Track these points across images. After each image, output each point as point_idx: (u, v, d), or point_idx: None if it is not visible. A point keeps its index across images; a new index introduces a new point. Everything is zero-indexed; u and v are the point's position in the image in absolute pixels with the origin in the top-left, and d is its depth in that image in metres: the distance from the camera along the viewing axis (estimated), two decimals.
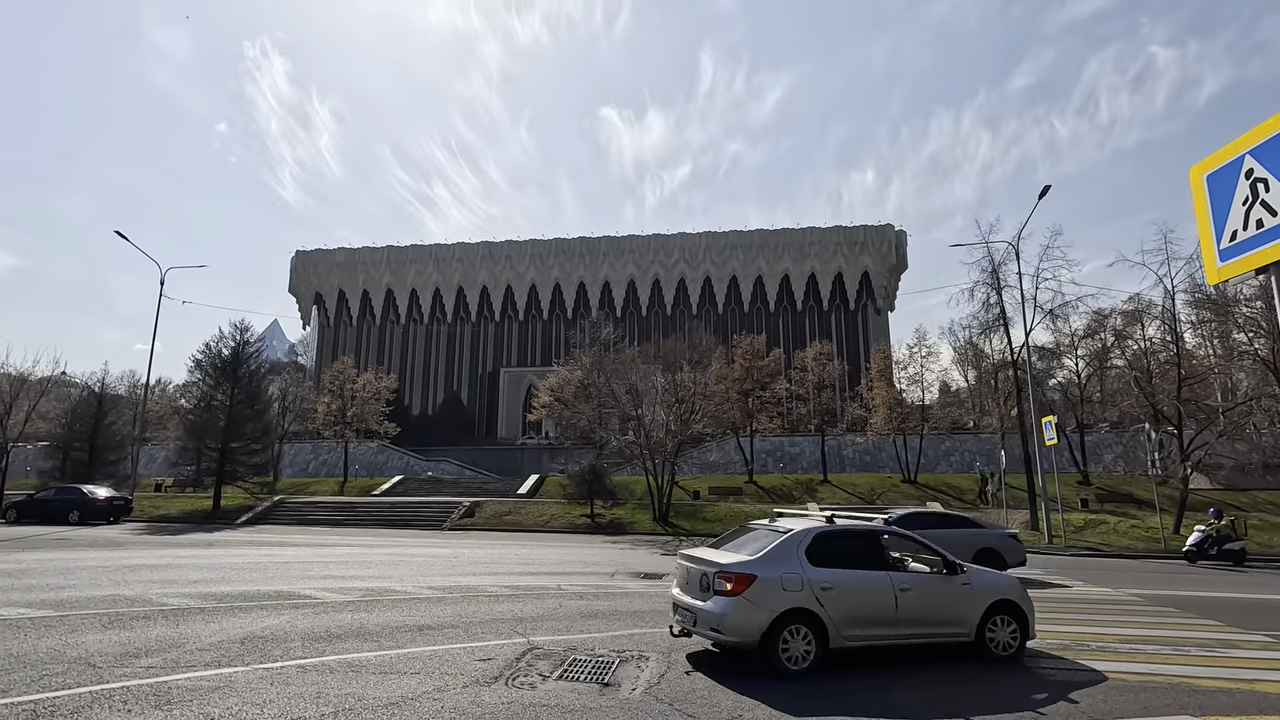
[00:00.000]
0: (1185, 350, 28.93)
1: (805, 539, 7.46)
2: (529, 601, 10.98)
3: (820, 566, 7.28)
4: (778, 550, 7.32)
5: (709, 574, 7.29)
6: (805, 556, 7.31)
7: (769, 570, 7.10)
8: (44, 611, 9.18)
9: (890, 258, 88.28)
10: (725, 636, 6.99)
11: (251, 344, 36.27)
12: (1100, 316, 35.12)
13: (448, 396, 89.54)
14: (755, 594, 6.94)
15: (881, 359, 47.69)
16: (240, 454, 33.20)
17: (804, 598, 7.04)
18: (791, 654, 6.87)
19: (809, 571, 7.19)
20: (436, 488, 40.67)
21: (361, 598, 10.93)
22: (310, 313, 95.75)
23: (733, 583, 6.99)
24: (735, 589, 6.96)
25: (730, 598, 6.96)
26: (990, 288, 29.80)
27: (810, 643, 6.94)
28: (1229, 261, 3.49)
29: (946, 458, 45.30)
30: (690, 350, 35.22)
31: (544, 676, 6.66)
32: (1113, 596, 13.15)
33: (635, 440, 31.16)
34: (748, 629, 6.87)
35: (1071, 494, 32.19)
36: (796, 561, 7.25)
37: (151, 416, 49.98)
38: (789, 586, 7.04)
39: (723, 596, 7.02)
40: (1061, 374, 39.53)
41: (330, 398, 47.99)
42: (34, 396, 37.93)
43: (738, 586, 6.96)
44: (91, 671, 6.35)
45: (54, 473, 36.21)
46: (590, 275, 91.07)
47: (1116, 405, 35.98)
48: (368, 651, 7.42)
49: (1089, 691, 6.56)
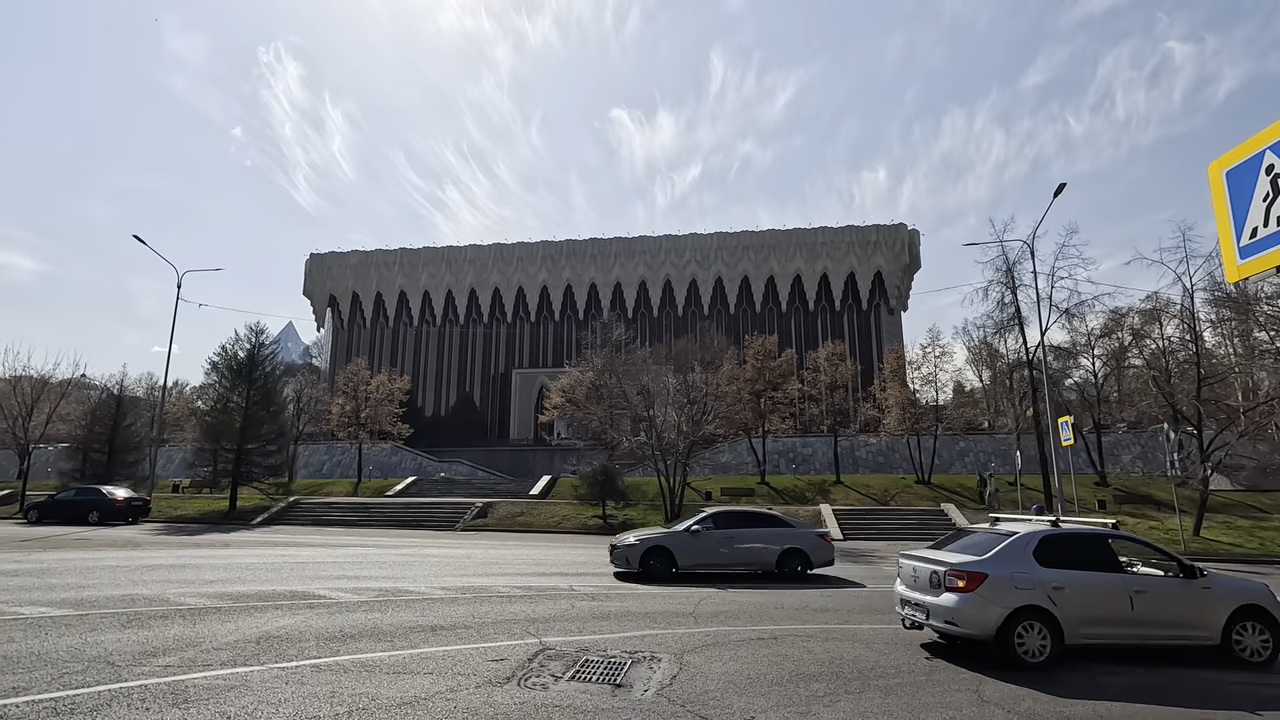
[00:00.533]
0: (1205, 349, 28.47)
1: (1032, 541, 8.06)
2: (541, 602, 11.00)
3: (1050, 567, 7.87)
4: (1006, 551, 7.97)
5: (939, 572, 7.99)
6: (1034, 557, 7.92)
7: (999, 569, 7.76)
8: (64, 611, 9.32)
9: (903, 257, 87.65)
10: (960, 629, 7.64)
11: (267, 346, 36.65)
12: (1117, 315, 34.73)
13: (460, 398, 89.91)
14: (988, 591, 7.62)
15: (895, 359, 47.28)
16: (256, 455, 33.54)
17: (1036, 595, 7.63)
18: (1028, 647, 7.47)
19: (1039, 572, 7.81)
20: (449, 488, 40.86)
21: (375, 598, 11.00)
22: (324, 315, 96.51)
23: (965, 580, 7.68)
24: (968, 586, 7.65)
25: (964, 594, 7.65)
26: (1005, 287, 29.54)
27: (1045, 638, 7.51)
28: (1249, 259, 3.43)
29: (961, 458, 44.89)
30: (702, 351, 35.16)
31: (556, 677, 6.67)
32: None
33: (647, 441, 31.15)
34: (983, 623, 7.54)
35: (1088, 495, 31.81)
36: (1026, 562, 7.88)
37: (169, 418, 50.58)
38: (1020, 585, 7.67)
39: (955, 593, 7.73)
40: (1078, 374, 39.09)
41: (344, 399, 48.35)
42: (55, 399, 38.51)
43: (970, 584, 7.65)
44: (110, 670, 6.44)
45: (74, 474, 36.74)
46: (601, 276, 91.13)
47: (1134, 405, 35.50)
48: (381, 651, 7.46)
49: None
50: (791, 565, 14.56)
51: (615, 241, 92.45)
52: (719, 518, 15.24)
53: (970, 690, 6.64)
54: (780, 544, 14.67)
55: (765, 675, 6.92)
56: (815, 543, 14.93)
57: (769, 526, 15.20)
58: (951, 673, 7.27)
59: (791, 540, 14.80)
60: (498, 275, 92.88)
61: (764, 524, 15.31)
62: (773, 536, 14.82)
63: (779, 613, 10.65)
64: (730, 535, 14.75)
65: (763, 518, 15.69)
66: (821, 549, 14.93)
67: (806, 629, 9.36)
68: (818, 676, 6.95)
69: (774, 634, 8.94)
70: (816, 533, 15.28)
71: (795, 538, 14.90)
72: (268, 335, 37.03)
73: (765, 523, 15.39)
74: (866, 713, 5.87)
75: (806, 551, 14.70)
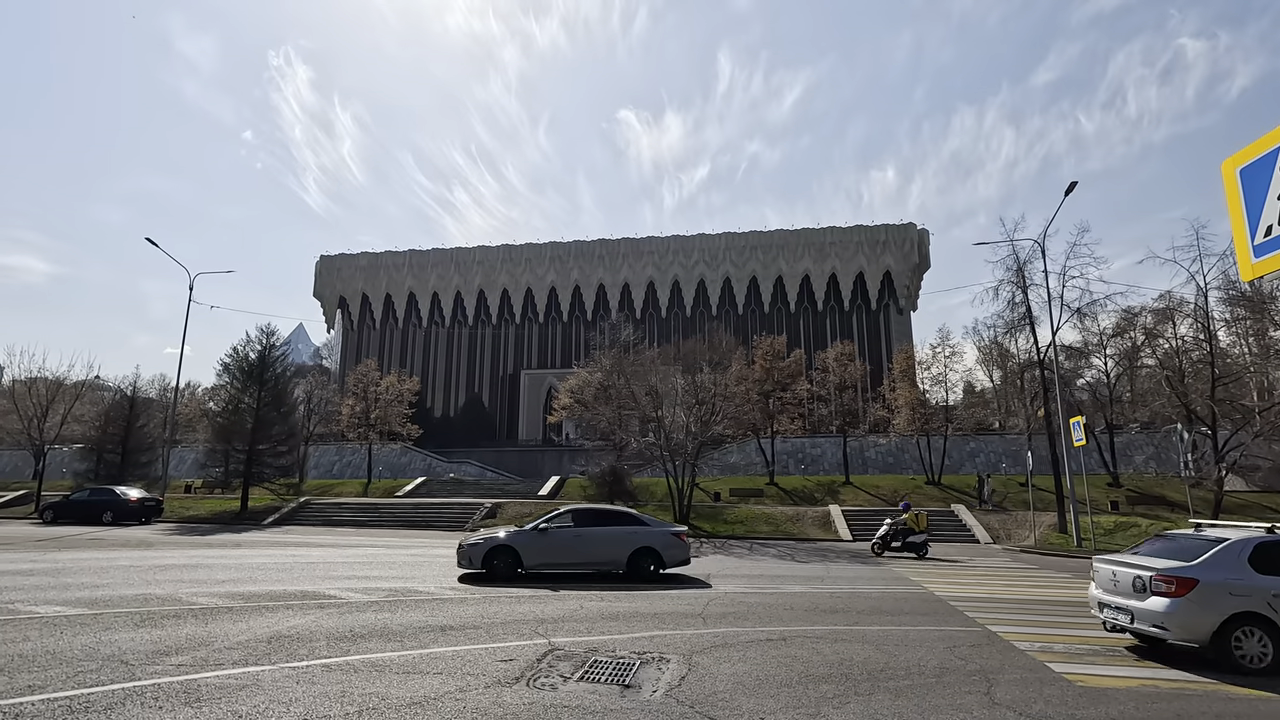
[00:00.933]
0: (1219, 348, 28.20)
1: (1246, 548, 7.92)
2: (550, 603, 11.02)
3: (1268, 574, 7.70)
4: (1218, 557, 7.89)
5: (1144, 577, 8.02)
6: (1249, 564, 7.79)
7: (1211, 575, 7.70)
8: (79, 610, 9.42)
9: (912, 257, 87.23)
10: (1169, 634, 7.66)
11: (277, 348, 36.91)
12: (1130, 315, 34.44)
13: (469, 398, 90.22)
14: (1200, 597, 7.57)
15: (904, 359, 47.05)
16: (267, 456, 33.78)
17: (1254, 603, 7.53)
18: (1247, 654, 7.44)
19: (1256, 578, 7.67)
20: (459, 489, 41.00)
21: (385, 598, 11.05)
22: (334, 316, 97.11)
23: (1174, 586, 7.67)
24: (1177, 591, 7.64)
25: (1174, 599, 7.64)
26: (1015, 286, 29.31)
27: (1266, 645, 7.44)
28: (1264, 257, 3.39)
29: (971, 459, 44.63)
30: (710, 351, 35.12)
31: (565, 678, 6.67)
32: None
33: (655, 442, 31.16)
34: (1196, 629, 7.55)
35: (1101, 496, 31.54)
36: (1241, 568, 7.78)
37: (181, 419, 51.06)
38: (1236, 591, 7.58)
39: (1164, 597, 7.73)
40: (1090, 374, 38.74)
41: (354, 400, 48.63)
42: (69, 400, 38.94)
43: (1180, 589, 7.63)
44: (124, 669, 6.50)
45: (88, 474, 37.11)
46: (609, 277, 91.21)
47: (1147, 405, 35.22)
48: (391, 651, 7.49)
49: None
50: (643, 564, 14.19)
51: (623, 242, 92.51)
52: (572, 515, 14.90)
53: (981, 693, 6.59)
54: (632, 543, 14.33)
55: (774, 676, 6.90)
56: (669, 542, 14.58)
57: (622, 525, 14.83)
58: (963, 675, 7.23)
59: (645, 539, 14.44)
60: (506, 276, 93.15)
61: (618, 522, 14.95)
62: (624, 535, 14.48)
63: (788, 614, 10.63)
64: (580, 534, 14.43)
65: (617, 515, 15.33)
66: (676, 548, 14.59)
67: (815, 630, 9.33)
68: (827, 678, 6.93)
69: (783, 635, 8.92)
70: (671, 531, 14.94)
71: (649, 536, 14.53)
72: (278, 337, 37.28)
73: (619, 521, 15.02)
74: (876, 714, 5.84)
75: (659, 551, 14.34)
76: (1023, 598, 12.98)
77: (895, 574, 16.41)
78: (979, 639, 8.95)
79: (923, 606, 11.61)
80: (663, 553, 14.39)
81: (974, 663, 7.71)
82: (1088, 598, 9.21)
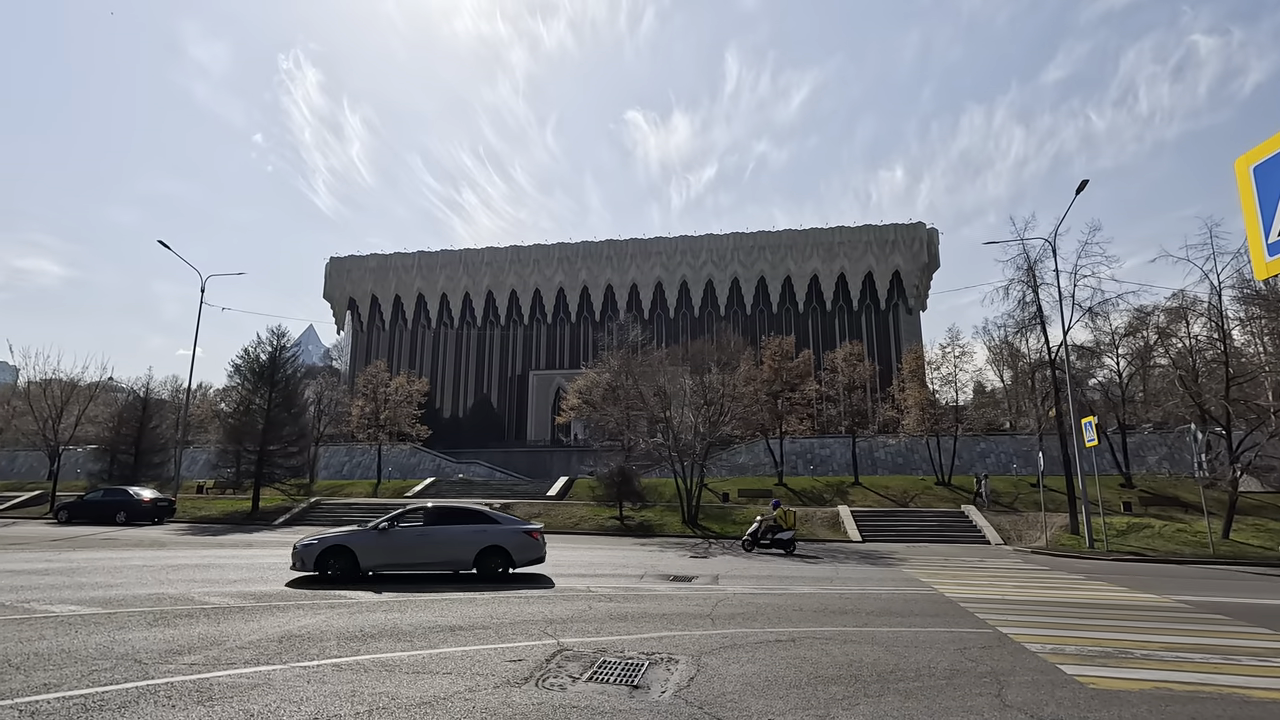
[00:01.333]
0: (1233, 348, 27.85)
1: None
2: (558, 603, 11.03)
3: None
4: None
5: None
6: None
7: None
8: (93, 609, 9.52)
9: (922, 256, 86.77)
10: None
11: (288, 349, 37.16)
12: (1142, 314, 34.11)
13: (478, 399, 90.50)
14: None
15: (913, 359, 46.80)
16: (278, 456, 34.02)
17: None
18: None
19: None
20: (467, 489, 41.12)
21: (395, 598, 11.12)
22: (344, 317, 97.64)
23: None
24: None
25: None
26: (1026, 285, 29.09)
27: None
28: (1278, 255, 3.36)
29: (982, 459, 44.34)
30: (718, 352, 35.07)
31: (574, 678, 6.69)
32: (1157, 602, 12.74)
33: (664, 443, 31.14)
34: None
35: (1113, 497, 31.27)
36: None
37: (193, 420, 51.45)
38: None
39: None
40: (1102, 373, 38.39)
41: (364, 401, 48.88)
42: (83, 401, 39.35)
43: None
44: (138, 667, 6.57)
45: (102, 475, 37.50)
46: (617, 278, 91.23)
47: (1160, 405, 34.85)
48: (401, 651, 7.53)
49: None
50: (492, 564, 13.81)
51: (631, 243, 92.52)
52: (423, 513, 14.56)
53: (992, 695, 6.55)
54: (480, 542, 13.94)
55: (783, 678, 6.88)
56: (520, 541, 14.22)
57: (471, 523, 14.45)
58: (973, 677, 7.18)
59: (494, 538, 14.06)
60: (514, 277, 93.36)
61: (467, 520, 14.55)
62: (472, 534, 14.09)
63: (796, 615, 10.60)
64: (424, 533, 14.00)
65: (467, 514, 14.92)
66: (528, 547, 14.25)
67: (824, 631, 9.30)
68: (836, 679, 6.90)
69: (792, 636, 8.89)
70: (523, 529, 14.55)
71: (498, 535, 14.15)
72: (289, 338, 37.53)
73: (468, 519, 14.63)
74: (886, 716, 5.82)
75: (509, 550, 13.99)
76: (1034, 599, 12.89)
77: (905, 575, 16.33)
78: (990, 641, 8.89)
79: (932, 608, 11.55)
80: (513, 552, 14.01)
81: (985, 664, 7.67)
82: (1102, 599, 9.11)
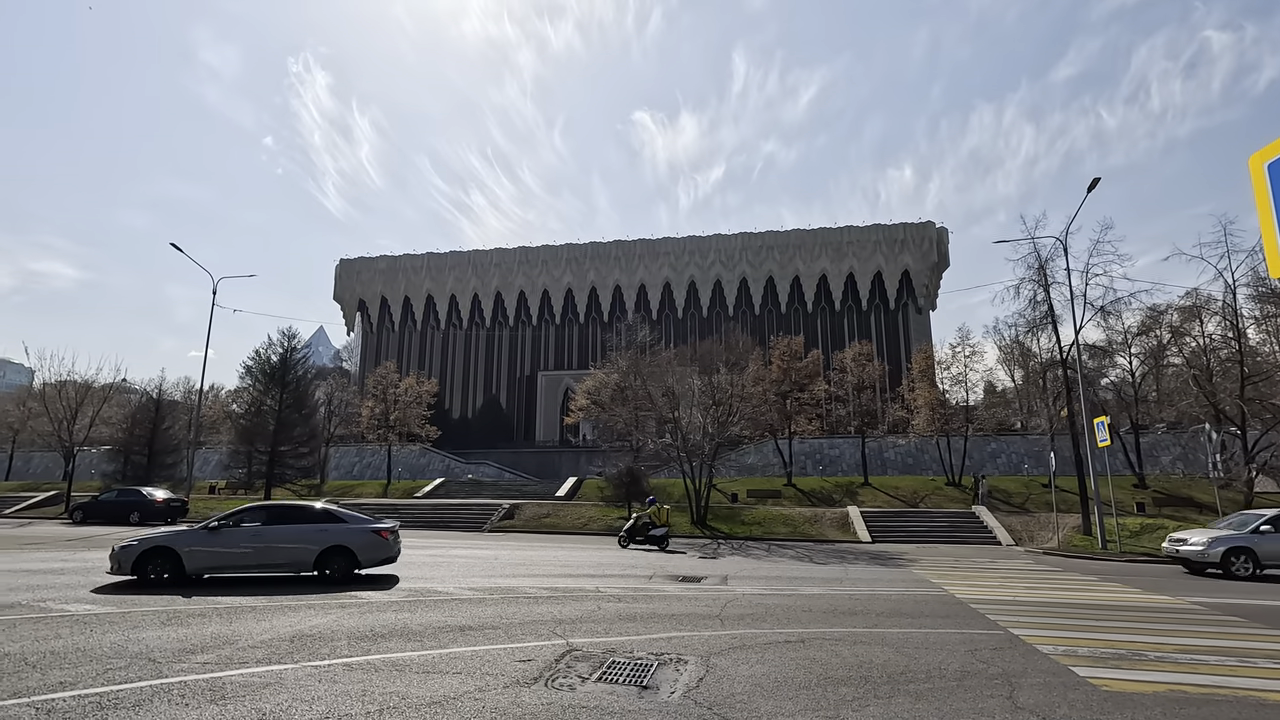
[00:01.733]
0: (1248, 347, 27.57)
1: None
2: (568, 603, 11.04)
3: None
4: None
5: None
6: None
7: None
8: (108, 609, 9.63)
9: (931, 256, 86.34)
10: None
11: (299, 351, 37.54)
12: (1155, 313, 33.83)
13: (487, 400, 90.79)
14: None
15: (923, 359, 46.56)
16: (289, 457, 34.30)
17: None
18: None
19: None
20: (477, 490, 41.26)
21: (405, 598, 11.16)
22: (354, 319, 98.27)
23: None
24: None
25: None
26: (1037, 284, 28.89)
27: None
28: None
29: (993, 460, 44.08)
30: (727, 352, 35.05)
31: (583, 678, 6.69)
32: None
33: (672, 443, 31.15)
34: None
35: (1126, 497, 30.98)
36: None
37: (205, 421, 51.91)
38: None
39: None
40: (1114, 373, 38.09)
41: (374, 402, 49.16)
42: (98, 403, 39.76)
43: None
44: (151, 666, 6.63)
45: (116, 475, 37.91)
46: (626, 278, 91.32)
47: (1174, 405, 34.55)
48: (411, 651, 7.56)
49: None
50: (335, 565, 13.10)
51: (639, 243, 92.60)
52: (263, 512, 13.94)
53: (1004, 697, 6.51)
54: (322, 542, 13.25)
55: (792, 679, 6.87)
56: (367, 540, 13.59)
57: (312, 522, 13.78)
58: (984, 678, 7.13)
59: (338, 537, 13.41)
60: (523, 278, 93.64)
61: (309, 519, 13.87)
62: (314, 533, 13.42)
63: (806, 616, 10.57)
64: (259, 533, 13.20)
65: (309, 513, 14.20)
66: (376, 546, 13.63)
67: (834, 632, 9.26)
68: (846, 681, 6.88)
69: (801, 637, 8.87)
70: (371, 528, 13.84)
71: (342, 534, 13.50)
72: (299, 340, 37.91)
73: (311, 518, 13.94)
74: (896, 718, 5.79)
75: (355, 550, 13.37)
76: (1046, 601, 12.79)
77: (915, 576, 16.25)
78: (1001, 642, 8.83)
79: (943, 609, 11.48)
80: (359, 552, 13.41)
81: (996, 666, 7.61)
82: (1115, 600, 9.05)
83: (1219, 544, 17.16)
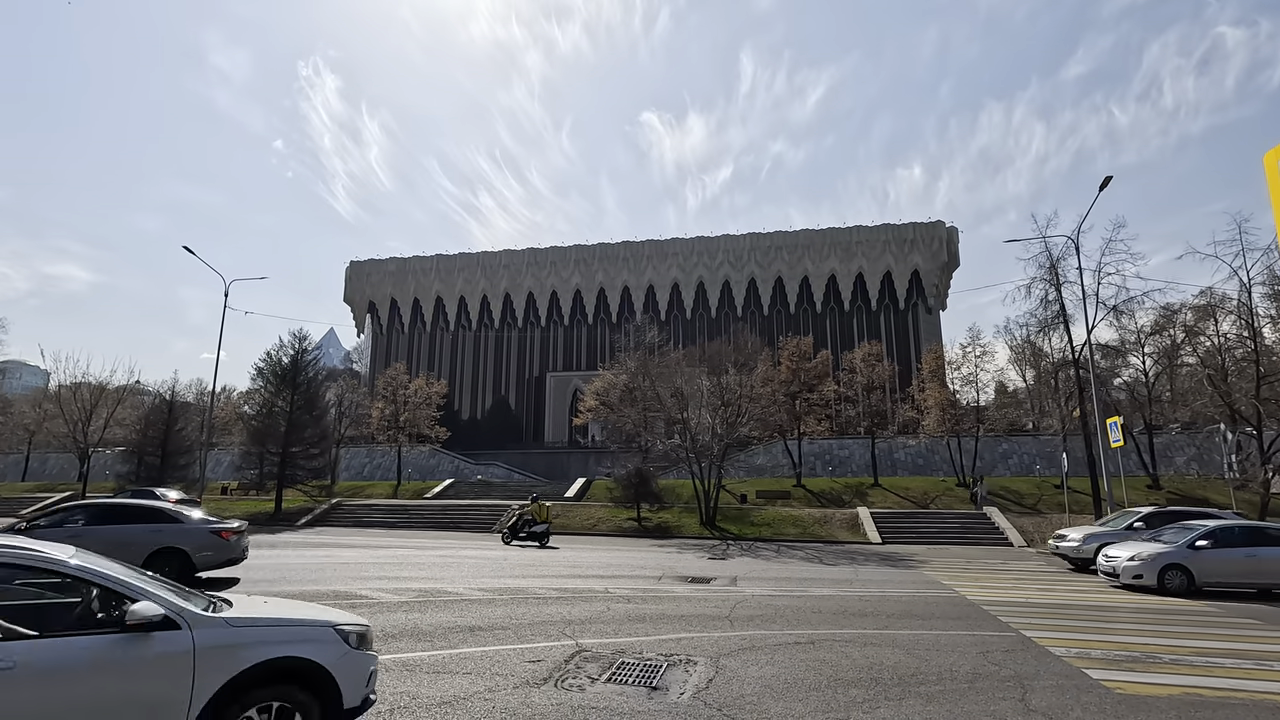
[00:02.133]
0: (1264, 345, 27.21)
1: None
2: (577, 604, 11.06)
3: None
4: None
5: None
6: None
7: None
8: None
9: (941, 255, 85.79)
10: None
11: (309, 352, 37.69)
12: (1169, 312, 33.44)
13: (496, 401, 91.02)
14: None
15: (933, 359, 46.27)
16: (300, 458, 34.46)
17: None
18: None
19: None
20: (486, 491, 41.37)
21: (415, 598, 11.21)
22: (364, 321, 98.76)
23: None
24: None
25: None
26: (1048, 284, 28.67)
27: None
28: None
29: (1004, 460, 43.78)
30: (735, 353, 34.95)
31: (592, 679, 6.70)
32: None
33: (681, 444, 31.11)
34: None
35: (1140, 498, 30.65)
36: None
37: (217, 422, 52.32)
38: None
39: None
40: (1127, 373, 37.73)
41: (384, 403, 49.38)
42: (112, 404, 40.23)
43: None
44: None
45: (130, 476, 38.23)
46: (634, 279, 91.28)
47: (1188, 405, 34.17)
48: (421, 651, 7.60)
49: None
50: (166, 570, 11.76)
51: (647, 244, 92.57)
52: (78, 511, 13.19)
53: (1016, 699, 6.47)
54: (152, 543, 12.42)
55: (802, 680, 6.85)
56: (204, 541, 12.82)
57: (142, 522, 12.95)
58: (996, 681, 7.09)
59: (171, 539, 12.60)
60: (531, 279, 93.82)
61: (139, 519, 13.04)
62: (143, 534, 12.57)
63: (816, 617, 10.53)
64: (79, 534, 12.07)
65: (139, 511, 13.38)
66: (215, 548, 12.85)
67: (844, 634, 9.23)
68: (856, 682, 6.86)
69: (811, 638, 8.84)
70: (209, 529, 13.03)
71: (175, 535, 12.72)
72: (310, 341, 38.06)
73: (139, 517, 13.11)
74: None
75: (189, 551, 12.57)
76: (1058, 602, 12.69)
77: (926, 578, 16.16)
78: (1013, 644, 8.77)
79: (954, 611, 11.42)
80: (193, 554, 12.61)
81: (1008, 668, 7.57)
82: (1128, 602, 8.98)
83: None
